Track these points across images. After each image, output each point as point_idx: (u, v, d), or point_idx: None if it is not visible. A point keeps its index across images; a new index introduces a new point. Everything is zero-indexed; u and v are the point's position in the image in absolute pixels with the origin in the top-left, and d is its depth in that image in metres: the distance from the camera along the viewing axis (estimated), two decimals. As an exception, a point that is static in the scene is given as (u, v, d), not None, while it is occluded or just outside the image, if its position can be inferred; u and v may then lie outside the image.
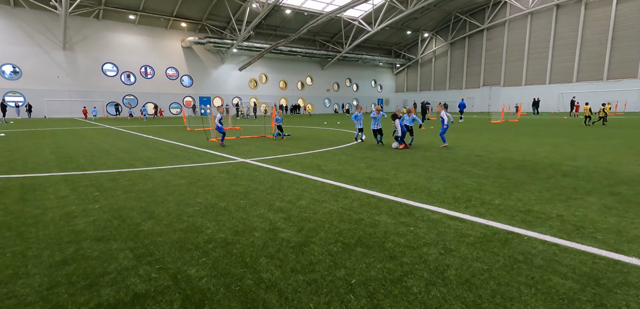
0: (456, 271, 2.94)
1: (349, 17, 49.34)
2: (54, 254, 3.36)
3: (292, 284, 2.77)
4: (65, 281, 2.85)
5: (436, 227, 3.95)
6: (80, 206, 4.92)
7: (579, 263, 3.03)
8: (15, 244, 3.59)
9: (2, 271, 3.00)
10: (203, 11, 43.09)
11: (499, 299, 2.52)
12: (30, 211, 4.72)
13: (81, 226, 4.11)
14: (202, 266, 3.08)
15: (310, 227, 4.04)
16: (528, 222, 4.08)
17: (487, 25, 56.43)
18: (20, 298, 2.60)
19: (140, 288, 2.73)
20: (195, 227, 4.07)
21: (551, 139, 13.09)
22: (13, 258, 3.27)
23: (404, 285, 2.74)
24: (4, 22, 35.50)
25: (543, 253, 3.24)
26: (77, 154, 9.96)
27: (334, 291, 2.66)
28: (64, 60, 38.98)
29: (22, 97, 36.92)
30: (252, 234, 3.85)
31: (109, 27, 41.08)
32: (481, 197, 5.15)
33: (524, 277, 2.81)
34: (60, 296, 2.61)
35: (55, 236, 3.80)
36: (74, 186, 6.14)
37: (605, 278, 2.77)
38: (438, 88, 65.72)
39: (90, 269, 3.04)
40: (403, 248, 3.41)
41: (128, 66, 42.82)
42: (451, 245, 3.46)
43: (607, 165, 7.63)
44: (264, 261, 3.18)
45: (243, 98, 51.76)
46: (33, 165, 8.26)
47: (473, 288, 2.67)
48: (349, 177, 6.75)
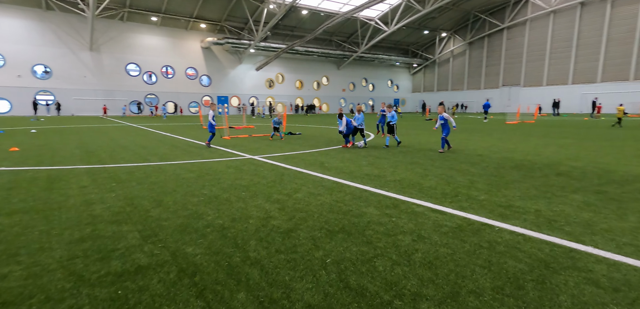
0: (422, 254, 3.25)
1: (365, 17, 49.41)
2: (73, 233, 3.86)
3: (274, 262, 3.15)
4: (82, 254, 3.32)
5: (416, 219, 4.25)
6: (98, 194, 5.46)
7: (537, 250, 3.28)
8: (42, 225, 4.12)
9: (30, 246, 3.51)
10: (222, 12, 44.17)
11: (453, 276, 2.82)
12: (55, 198, 5.28)
13: (98, 211, 4.62)
14: (199, 246, 3.50)
15: (300, 216, 4.40)
16: (505, 215, 4.31)
17: (507, 24, 55.27)
18: (44, 266, 3.08)
19: (143, 261, 3.17)
20: (197, 214, 4.51)
21: (561, 140, 12.98)
22: (39, 235, 3.79)
23: (372, 265, 3.07)
24: (37, 24, 37.52)
25: (508, 241, 3.50)
26: (98, 150, 10.69)
27: (309, 268, 3.02)
28: (90, 61, 40.82)
29: (52, 96, 38.91)
30: (247, 221, 4.25)
31: (132, 28, 42.71)
32: (468, 193, 5.39)
33: (482, 260, 3.09)
34: (76, 266, 3.08)
35: (75, 219, 4.32)
36: (94, 177, 6.74)
37: (555, 262, 3.02)
38: (456, 88, 64.82)
39: (103, 246, 3.51)
40: (380, 235, 3.74)
41: (150, 66, 44.38)
42: (425, 233, 3.76)
43: (606, 166, 7.65)
44: (253, 243, 3.57)
45: (260, 98, 52.68)
46: (59, 158, 8.98)
47: (433, 268, 2.98)
48: (348, 173, 7.08)
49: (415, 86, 72.37)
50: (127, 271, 2.99)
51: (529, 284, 2.69)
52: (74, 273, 2.96)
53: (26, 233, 3.85)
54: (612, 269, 2.91)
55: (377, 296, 2.58)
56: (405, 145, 11.96)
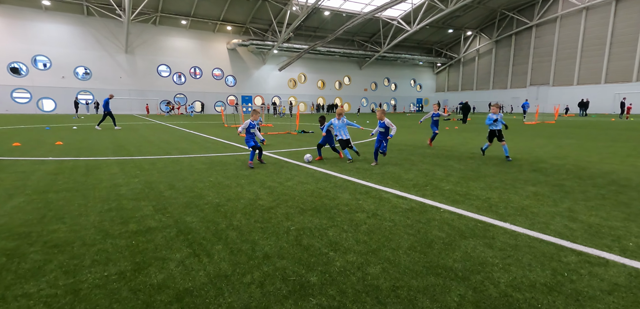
0: (368, 226, 4.04)
1: (387, 17, 49.60)
2: (103, 205, 4.93)
3: (249, 228, 4.05)
4: (108, 219, 4.36)
5: (379, 202, 5.02)
6: (125, 179, 6.60)
7: (462, 225, 3.98)
8: (80, 200, 5.23)
9: (72, 213, 4.60)
10: (247, 15, 45.89)
11: (383, 240, 3.60)
12: (91, 181, 6.46)
13: (123, 191, 5.71)
14: (195, 216, 4.46)
15: (283, 199, 5.28)
16: (456, 201, 5.00)
17: (536, 21, 53.66)
18: (81, 225, 4.13)
19: (152, 225, 4.16)
20: (201, 195, 5.49)
21: (565, 140, 13.12)
22: (78, 207, 4.89)
23: (325, 232, 3.90)
24: (79, 29, 40.67)
25: (444, 219, 4.22)
26: (128, 145, 12.07)
27: (275, 233, 3.89)
28: (125, 63, 43.71)
29: (91, 96, 42.03)
30: (239, 201, 5.18)
31: (163, 32, 45.28)
32: (438, 185, 6.07)
33: (413, 230, 3.85)
34: (104, 226, 4.11)
35: (105, 196, 5.41)
36: (122, 166, 7.93)
37: (469, 232, 3.73)
38: (481, 87, 63.53)
39: (124, 214, 4.54)
40: (342, 213, 4.55)
41: (179, 67, 46.85)
42: (380, 213, 4.54)
43: (587, 164, 8.02)
44: (238, 216, 4.49)
45: (282, 97, 54.12)
46: (95, 151, 10.36)
47: (371, 234, 3.77)
48: (341, 167, 7.88)
49: (439, 86, 71.47)
50: (140, 230, 3.98)
51: (438, 244, 3.44)
52: (102, 230, 3.98)
53: (69, 205, 4.97)
54: (510, 238, 3.59)
55: (318, 249, 3.41)
56: (407, 144, 12.52)
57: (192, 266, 3.10)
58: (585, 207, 4.69)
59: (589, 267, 2.96)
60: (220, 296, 2.61)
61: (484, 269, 2.98)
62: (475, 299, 2.53)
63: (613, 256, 3.16)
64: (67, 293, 2.64)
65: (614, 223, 4.03)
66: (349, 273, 2.95)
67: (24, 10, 37.67)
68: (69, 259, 3.21)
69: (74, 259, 3.21)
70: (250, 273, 2.97)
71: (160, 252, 3.39)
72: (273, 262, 3.17)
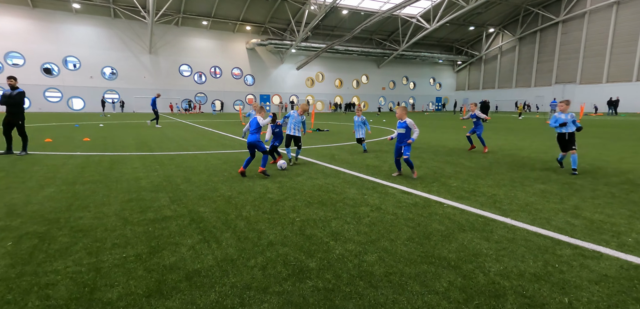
0: (371, 219, 4.19)
1: (406, 14, 49.08)
2: (124, 196, 5.28)
3: (257, 218, 4.27)
4: (129, 208, 4.69)
5: (385, 197, 5.15)
6: (145, 173, 6.99)
7: (464, 219, 4.07)
8: (104, 191, 5.62)
9: (96, 202, 4.97)
10: (266, 15, 46.48)
11: (383, 231, 3.75)
12: (114, 174, 6.87)
13: (143, 184, 6.07)
14: (208, 207, 4.73)
15: (291, 192, 5.49)
16: (462, 197, 5.06)
17: (563, 17, 51.75)
18: (104, 213, 4.47)
19: (168, 213, 4.46)
20: (214, 188, 5.77)
21: (588, 140, 12.74)
22: (102, 197, 5.26)
23: (328, 223, 4.07)
24: (106, 31, 42.37)
25: (446, 213, 4.31)
26: (150, 141, 12.61)
27: (281, 223, 4.10)
28: (149, 63, 45.18)
29: (117, 95, 43.72)
30: (250, 194, 5.43)
31: (185, 32, 46.50)
32: (445, 181, 6.12)
33: (414, 223, 3.97)
34: (125, 214, 4.44)
35: (126, 188, 5.78)
36: (144, 161, 8.36)
37: (469, 226, 3.82)
38: (503, 86, 61.87)
39: (143, 204, 4.86)
40: (347, 207, 4.71)
41: (200, 67, 48.00)
42: (384, 207, 4.67)
43: (604, 164, 7.85)
44: (248, 207, 4.73)
45: (300, 96, 54.50)
46: (119, 147, 10.91)
47: (372, 226, 3.93)
48: (351, 164, 8.04)
49: (460, 84, 70.06)
50: (156, 218, 4.28)
51: (436, 237, 3.56)
52: (123, 217, 4.31)
53: (93, 195, 5.35)
54: (508, 232, 3.66)
55: (320, 239, 3.60)
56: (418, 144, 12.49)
57: (202, 250, 3.35)
58: (592, 204, 4.67)
59: (581, 259, 3.01)
60: (225, 277, 2.84)
61: (476, 259, 3.08)
62: (463, 285, 2.65)
63: (609, 250, 3.19)
64: (90, 270, 2.94)
65: (618, 220, 4.02)
66: (346, 260, 3.12)
67: (56, 14, 39.59)
68: (92, 242, 3.52)
69: (96, 242, 3.52)
70: (255, 258, 3.19)
71: (173, 238, 3.66)
72: (276, 249, 3.38)
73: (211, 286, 2.71)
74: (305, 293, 2.60)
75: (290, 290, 2.64)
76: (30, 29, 38.63)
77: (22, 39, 38.26)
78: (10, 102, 8.50)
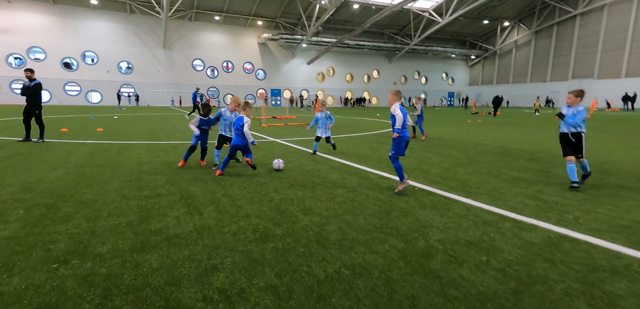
0: (342, 198, 4.57)
1: (418, 8, 48.67)
2: (125, 177, 5.81)
3: (240, 196, 4.71)
4: (127, 187, 5.20)
5: (363, 181, 5.51)
6: (148, 158, 7.53)
7: (427, 199, 4.41)
8: (108, 172, 6.16)
9: (100, 181, 5.50)
10: (277, 9, 46.94)
11: (349, 207, 4.13)
12: (120, 160, 7.44)
13: (144, 167, 6.60)
14: (198, 187, 5.20)
15: (278, 176, 5.91)
16: (436, 182, 5.38)
17: (581, 10, 50.41)
18: (105, 190, 4.99)
19: (161, 192, 4.94)
20: (208, 172, 6.24)
21: (588, 133, 12.75)
22: (106, 178, 5.79)
23: (302, 201, 4.47)
24: (122, 26, 43.64)
25: (415, 195, 4.65)
26: (159, 132, 13.25)
27: (260, 200, 4.52)
28: (163, 58, 46.33)
29: (132, 89, 45.05)
30: (239, 177, 5.88)
31: (198, 27, 47.42)
32: (426, 169, 6.44)
33: (380, 202, 4.33)
34: (123, 191, 4.94)
35: (129, 170, 6.32)
36: (149, 149, 8.93)
37: (429, 204, 4.16)
38: (518, 81, 60.74)
39: (141, 184, 5.36)
40: (326, 189, 5.10)
41: (212, 61, 48.91)
42: (359, 189, 5.04)
43: (587, 155, 7.95)
44: (235, 188, 5.17)
45: (311, 90, 54.88)
46: (129, 137, 11.56)
47: (341, 204, 4.31)
48: (343, 153, 8.40)
49: (473, 79, 69.09)
50: (150, 195, 4.77)
51: (396, 212, 3.93)
52: (121, 194, 4.81)
53: (98, 176, 5.89)
54: (463, 210, 3.98)
55: (291, 213, 4.00)
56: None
57: (185, 220, 3.80)
58: (556, 189, 4.92)
59: (516, 231, 3.33)
60: (200, 239, 3.28)
61: (424, 230, 3.43)
62: (402, 248, 3.02)
63: (546, 224, 3.49)
64: (86, 232, 3.43)
65: (571, 202, 4.29)
66: (309, 229, 3.52)
67: (75, 10, 41.02)
68: (91, 212, 4.03)
69: (95, 212, 4.02)
70: (229, 226, 3.62)
71: (162, 210, 4.13)
72: (250, 220, 3.81)
73: (186, 245, 3.15)
74: (265, 252, 3.02)
75: (253, 249, 3.07)
76: (51, 25, 40.14)
77: (43, 34, 39.82)
78: (28, 93, 9.19)
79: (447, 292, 2.36)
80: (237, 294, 2.36)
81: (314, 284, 2.49)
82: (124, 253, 2.97)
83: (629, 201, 4.46)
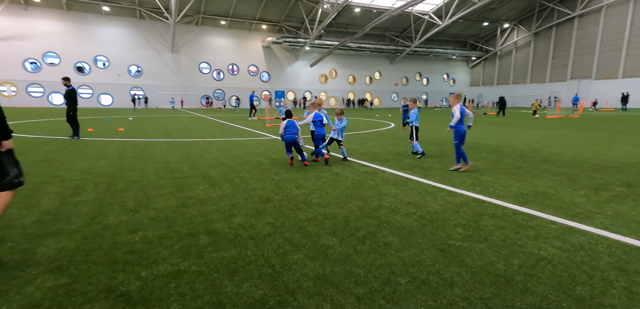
0: (327, 179, 5.98)
1: (418, 11, 49.95)
2: (157, 164, 7.27)
3: (249, 177, 6.13)
4: (161, 171, 6.65)
5: (346, 168, 6.91)
6: (170, 152, 9.00)
7: (391, 179, 5.80)
8: (142, 162, 7.62)
9: (139, 168, 6.96)
10: (281, 14, 48.48)
11: (332, 184, 5.54)
12: (147, 153, 8.91)
13: (170, 159, 8.06)
14: (216, 171, 6.64)
15: (279, 163, 7.33)
16: (405, 168, 6.77)
17: (579, 12, 51.34)
18: (145, 173, 6.44)
19: (188, 174, 6.38)
20: (222, 162, 7.69)
21: (561, 131, 14.04)
22: (142, 165, 7.25)
23: (296, 181, 5.89)
24: (132, 31, 45.44)
25: (383, 177, 6.04)
26: (173, 131, 14.76)
27: (264, 179, 5.95)
28: (171, 61, 48.07)
29: (142, 91, 46.82)
30: (248, 164, 7.32)
31: (204, 32, 49.11)
32: (402, 160, 7.82)
33: (355, 182, 5.73)
34: (159, 174, 6.39)
35: (157, 161, 7.78)
36: (169, 145, 10.41)
37: (392, 182, 5.55)
38: (518, 81, 61.69)
39: (170, 169, 6.82)
40: (316, 172, 6.50)
41: (218, 65, 50.58)
42: (342, 173, 6.45)
43: (560, 150, 9.30)
44: (244, 172, 6.61)
45: (314, 92, 56.32)
46: (149, 135, 13.07)
47: (326, 182, 5.72)
48: (333, 148, 9.80)
49: (474, 80, 70.10)
50: (180, 176, 6.21)
51: (364, 187, 5.33)
52: (158, 175, 6.26)
53: (135, 164, 7.36)
54: (417, 186, 5.37)
55: (287, 188, 5.42)
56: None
57: (209, 191, 5.24)
58: (494, 172, 6.28)
59: (446, 196, 4.73)
60: (221, 201, 4.71)
61: (380, 196, 4.84)
62: (361, 205, 4.43)
63: (469, 192, 4.88)
64: (143, 197, 4.87)
65: (502, 181, 5.66)
66: (297, 196, 4.94)
67: (87, 16, 42.89)
68: (141, 187, 5.48)
69: (143, 187, 5.48)
70: (241, 194, 5.05)
71: (191, 185, 5.57)
72: (256, 191, 5.23)
73: (213, 203, 4.58)
74: (266, 208, 4.44)
75: (258, 206, 4.49)
76: (65, 31, 42.02)
77: (57, 39, 41.70)
78: (67, 98, 10.76)
79: (381, 225, 3.77)
80: (249, 227, 3.78)
81: (298, 222, 3.90)
82: (173, 208, 4.41)
83: (532, 177, 5.82)
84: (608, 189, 5.22)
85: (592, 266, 2.86)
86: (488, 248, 3.19)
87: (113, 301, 2.37)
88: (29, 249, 3.18)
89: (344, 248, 3.21)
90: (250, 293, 2.48)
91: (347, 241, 3.38)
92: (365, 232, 3.59)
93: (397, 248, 3.20)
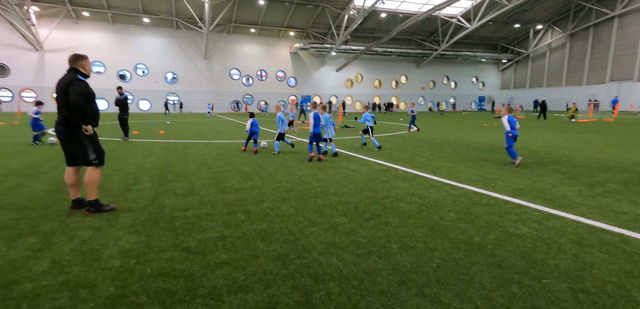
0: (344, 175, 6.75)
1: (446, 15, 49.57)
2: (197, 161, 8.32)
3: (276, 173, 7.01)
4: (201, 166, 7.67)
5: (361, 166, 7.65)
6: (207, 151, 10.10)
7: (401, 174, 6.47)
8: (184, 160, 8.72)
9: (182, 164, 8.04)
10: (308, 20, 49.78)
11: (348, 178, 6.30)
12: (187, 152, 10.05)
13: (207, 157, 9.13)
14: (248, 167, 7.58)
15: (301, 161, 8.18)
16: (417, 166, 7.41)
17: (619, 11, 48.98)
18: (189, 168, 7.48)
19: (224, 169, 7.36)
20: (252, 160, 8.64)
21: (587, 135, 13.98)
22: (184, 162, 8.34)
23: (316, 175, 6.70)
24: (169, 40, 48.34)
25: (396, 173, 6.73)
26: (207, 133, 16.06)
27: (289, 174, 6.80)
28: (204, 68, 50.57)
29: (176, 97, 49.57)
30: (273, 162, 8.22)
31: (235, 39, 51.29)
32: (415, 159, 8.45)
33: (368, 177, 6.47)
34: (200, 169, 7.41)
35: (197, 158, 8.86)
36: (206, 145, 11.57)
37: (402, 177, 6.23)
38: (552, 84, 59.47)
39: (209, 165, 7.83)
40: (334, 169, 7.29)
41: (248, 71, 52.59)
42: (357, 169, 7.20)
43: (574, 152, 9.56)
44: (271, 168, 7.50)
45: (339, 97, 57.13)
46: (186, 137, 14.38)
47: (343, 176, 6.49)
48: (353, 148, 10.55)
49: (505, 83, 68.20)
50: (217, 171, 7.20)
51: (377, 182, 6.06)
52: (199, 170, 7.28)
53: (179, 161, 8.45)
54: (425, 181, 6.02)
55: (308, 181, 6.24)
56: (424, 137, 14.57)
57: (242, 183, 6.16)
58: (474, 165, 6.80)
59: (449, 189, 5.37)
60: (252, 190, 5.60)
61: (390, 188, 5.55)
62: (371, 195, 5.18)
63: (444, 179, 5.50)
64: (189, 186, 5.86)
65: (503, 174, 6.19)
66: (317, 188, 5.75)
67: (129, 27, 46.16)
68: (186, 179, 6.50)
69: (188, 179, 6.49)
70: (269, 185, 5.93)
71: (227, 178, 6.53)
72: (282, 184, 6.09)
73: (246, 192, 5.48)
74: (290, 196, 5.27)
75: (283, 194, 5.34)
76: (109, 41, 45.42)
77: (103, 49, 45.13)
78: (119, 104, 12.22)
79: (386, 209, 4.50)
80: (276, 208, 4.63)
81: (316, 206, 4.71)
82: (214, 194, 5.36)
83: (535, 176, 6.28)
84: (603, 186, 5.64)
85: (555, 240, 3.46)
86: (472, 227, 3.85)
87: (179, 252, 3.27)
88: (112, 219, 4.19)
89: (352, 225, 3.98)
90: (277, 250, 3.31)
91: (355, 220, 4.14)
92: (371, 214, 4.33)
93: (395, 226, 3.93)
